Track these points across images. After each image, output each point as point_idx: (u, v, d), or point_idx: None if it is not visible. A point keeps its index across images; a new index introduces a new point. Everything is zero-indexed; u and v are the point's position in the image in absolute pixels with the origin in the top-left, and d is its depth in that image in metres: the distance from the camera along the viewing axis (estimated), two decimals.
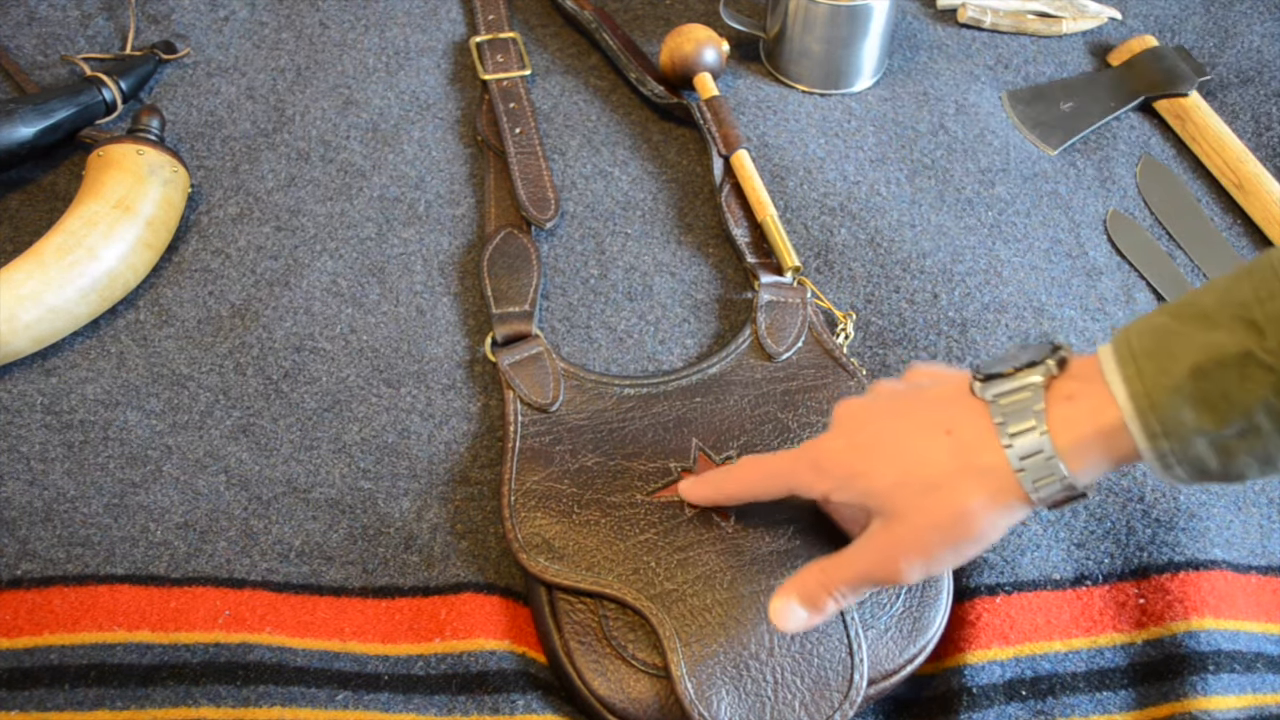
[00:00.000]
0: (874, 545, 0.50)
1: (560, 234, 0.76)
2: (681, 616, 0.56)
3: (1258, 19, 0.90)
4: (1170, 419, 0.43)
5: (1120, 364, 0.45)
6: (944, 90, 0.85)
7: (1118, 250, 0.76)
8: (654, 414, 0.64)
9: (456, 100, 0.84)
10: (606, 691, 0.55)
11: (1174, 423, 0.43)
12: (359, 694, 0.56)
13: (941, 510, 0.48)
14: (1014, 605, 0.59)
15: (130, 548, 0.61)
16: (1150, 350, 0.44)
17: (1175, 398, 0.43)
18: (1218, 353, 0.43)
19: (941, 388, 0.51)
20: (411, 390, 0.68)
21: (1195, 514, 0.62)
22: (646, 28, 0.90)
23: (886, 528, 0.49)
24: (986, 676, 0.56)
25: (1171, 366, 0.43)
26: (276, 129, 0.81)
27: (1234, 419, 0.43)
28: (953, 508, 0.47)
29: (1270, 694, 0.57)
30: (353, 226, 0.75)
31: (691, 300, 0.73)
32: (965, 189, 0.78)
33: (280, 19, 0.88)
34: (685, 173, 0.80)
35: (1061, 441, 0.45)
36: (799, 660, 0.55)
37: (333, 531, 0.62)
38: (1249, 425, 0.43)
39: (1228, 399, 0.42)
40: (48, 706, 0.55)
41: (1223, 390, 0.42)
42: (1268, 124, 0.83)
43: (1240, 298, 0.43)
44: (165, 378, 0.68)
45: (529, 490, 0.61)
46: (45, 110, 0.75)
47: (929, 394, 0.51)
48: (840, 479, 0.51)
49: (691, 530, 0.59)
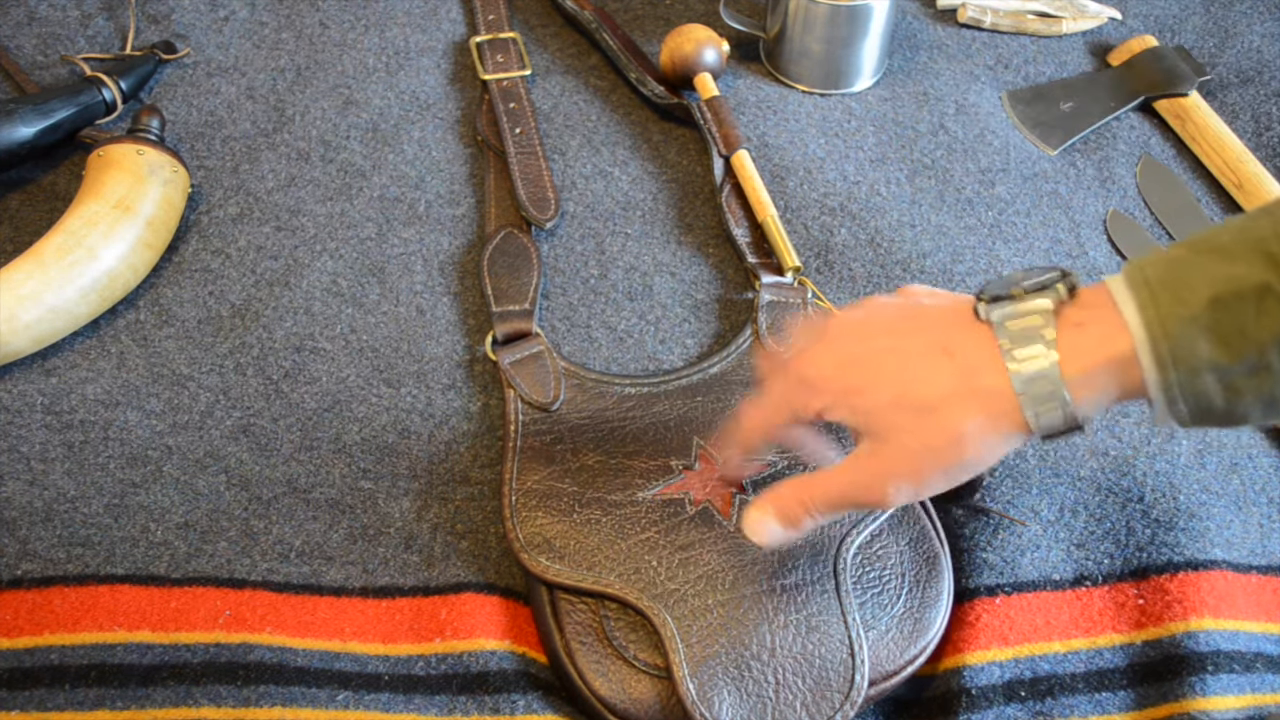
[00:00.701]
0: (862, 465, 0.48)
1: (560, 234, 0.76)
2: (683, 617, 0.56)
3: (1258, 19, 0.90)
4: (1183, 349, 0.42)
5: (1134, 291, 0.44)
6: (944, 90, 0.85)
7: (1118, 250, 0.76)
8: (655, 413, 0.64)
9: (456, 100, 0.84)
10: (607, 692, 0.55)
11: (1186, 353, 0.42)
12: (359, 694, 0.56)
13: (937, 432, 0.46)
14: (1013, 606, 0.59)
15: (131, 548, 0.61)
16: (1166, 280, 0.43)
17: (1191, 328, 0.42)
18: (1236, 285, 0.42)
19: (941, 306, 0.49)
20: (412, 390, 0.68)
21: (1195, 514, 0.62)
22: (646, 28, 0.90)
23: (877, 448, 0.48)
24: (986, 677, 0.56)
25: (1188, 296, 0.42)
26: (276, 129, 0.81)
27: (1247, 353, 0.42)
28: (949, 430, 0.46)
29: (1270, 694, 0.57)
30: (353, 226, 0.75)
31: (692, 300, 0.73)
32: (965, 189, 0.78)
33: (280, 19, 0.88)
34: (685, 173, 0.80)
35: (1070, 369, 0.44)
36: (800, 661, 0.55)
37: (333, 531, 0.62)
38: (1260, 362, 0.42)
39: (1243, 333, 0.42)
40: (48, 706, 0.55)
41: (1239, 323, 0.42)
42: (1268, 124, 0.83)
43: (1259, 233, 0.42)
44: (165, 378, 0.68)
45: (530, 489, 0.61)
46: (45, 110, 0.75)
47: (929, 312, 0.49)
48: (834, 394, 0.49)
49: (693, 529, 0.59)
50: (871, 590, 0.58)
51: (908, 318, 0.50)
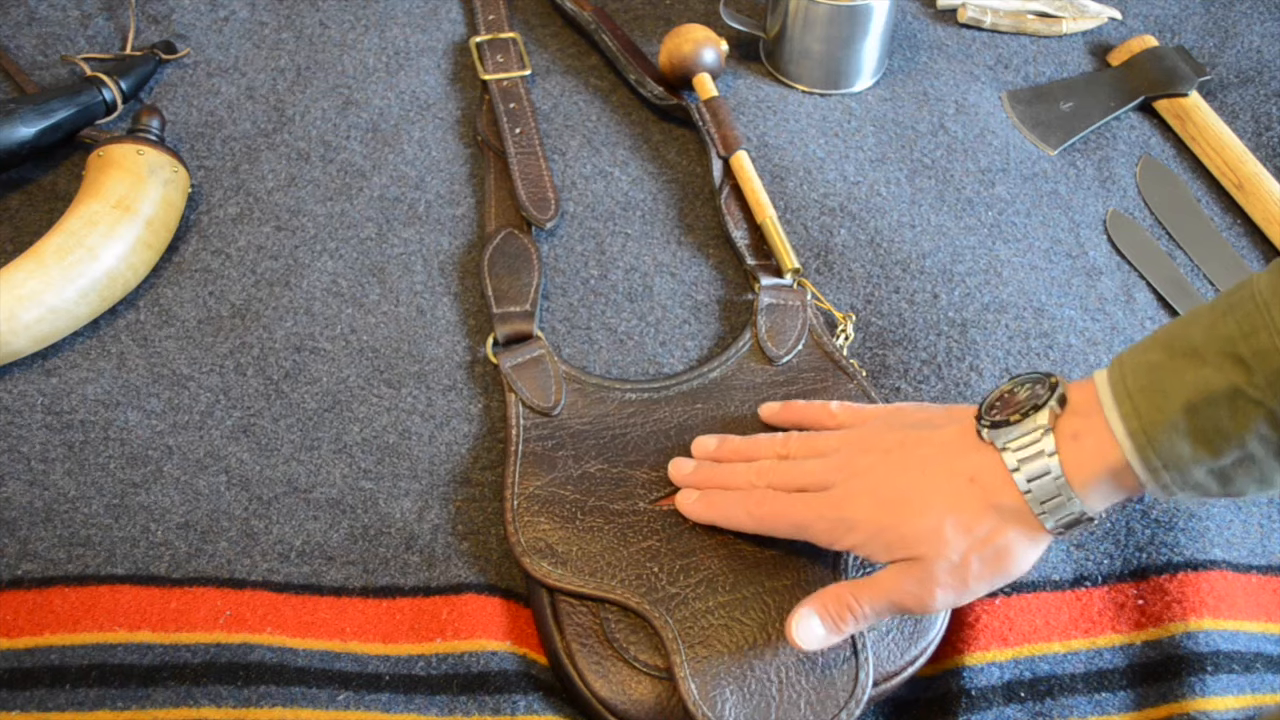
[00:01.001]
0: (909, 575, 0.52)
1: (560, 234, 0.76)
2: (685, 619, 0.56)
3: (1258, 19, 0.90)
4: (1168, 453, 0.46)
5: (1117, 402, 0.48)
6: (944, 90, 0.85)
7: (1118, 250, 0.76)
8: (655, 420, 0.64)
9: (456, 100, 0.84)
10: (608, 693, 0.55)
11: (1172, 456, 0.46)
12: (360, 694, 0.56)
13: (983, 548, 0.50)
14: (1013, 607, 0.59)
15: (131, 548, 0.61)
16: (1144, 387, 0.47)
17: (1172, 434, 0.46)
18: (1207, 389, 0.45)
19: (945, 433, 0.53)
20: (412, 390, 0.68)
21: (1194, 514, 0.62)
22: (646, 28, 0.90)
23: (923, 562, 0.51)
24: (985, 678, 0.56)
25: (1165, 404, 0.46)
26: (276, 129, 0.81)
27: (1228, 450, 0.45)
28: (993, 545, 0.50)
29: (1270, 694, 0.57)
30: (353, 226, 0.75)
31: (692, 301, 0.73)
32: (965, 189, 0.78)
33: (280, 19, 0.88)
34: (685, 173, 0.80)
35: (1075, 481, 0.48)
36: (803, 660, 0.55)
37: (334, 532, 0.62)
38: (1244, 454, 0.45)
39: (1221, 432, 0.45)
40: (48, 707, 0.55)
41: (1215, 424, 0.45)
42: (1268, 124, 0.83)
43: (1226, 332, 0.45)
44: (165, 378, 0.68)
45: (532, 495, 0.61)
46: (45, 110, 0.75)
47: (937, 442, 0.53)
48: (867, 534, 0.53)
49: (694, 537, 0.59)
50: None
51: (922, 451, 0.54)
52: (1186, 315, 0.49)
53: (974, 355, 0.68)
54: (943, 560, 0.51)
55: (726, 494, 0.58)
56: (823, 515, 0.54)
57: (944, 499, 0.51)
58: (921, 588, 0.51)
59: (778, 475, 0.57)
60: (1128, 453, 0.47)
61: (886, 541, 0.52)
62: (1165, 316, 0.72)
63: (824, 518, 0.54)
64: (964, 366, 0.68)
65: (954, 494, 0.51)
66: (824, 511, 0.54)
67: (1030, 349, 0.69)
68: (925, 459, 0.53)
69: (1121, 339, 0.70)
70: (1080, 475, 0.48)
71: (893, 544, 0.52)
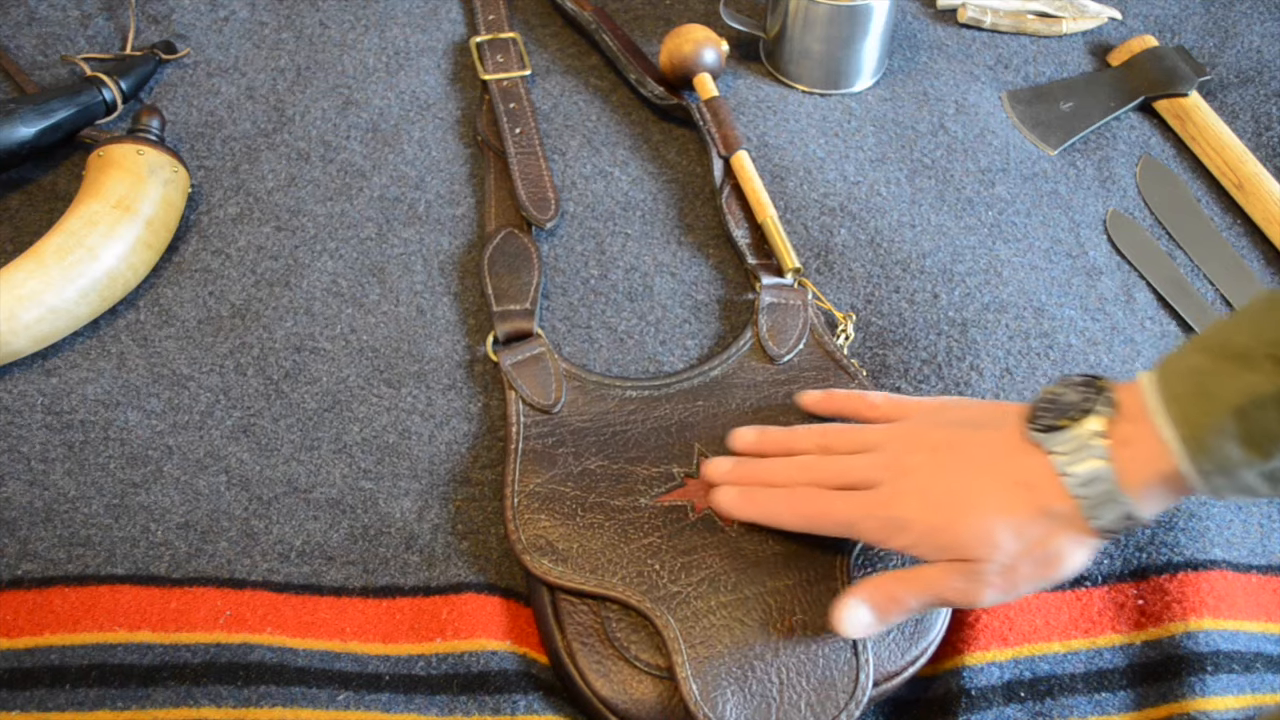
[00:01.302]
0: (959, 573, 0.52)
1: (560, 234, 0.76)
2: (686, 619, 0.56)
3: (1258, 19, 0.90)
4: (1218, 457, 0.46)
5: (1166, 406, 0.48)
6: (944, 90, 0.85)
7: (1118, 250, 0.76)
8: (656, 417, 0.64)
9: (456, 100, 0.84)
10: (609, 692, 0.55)
11: (1223, 460, 0.46)
12: (360, 694, 0.56)
13: (1033, 552, 0.51)
14: (1013, 606, 0.59)
15: (131, 548, 0.61)
16: (1191, 392, 0.47)
17: (1221, 438, 0.46)
18: (1255, 393, 0.45)
19: (994, 435, 0.53)
20: (412, 390, 0.68)
21: (1195, 514, 0.62)
22: (646, 28, 0.90)
23: (974, 563, 0.51)
24: (985, 678, 0.56)
25: (1212, 408, 0.46)
26: (276, 129, 0.81)
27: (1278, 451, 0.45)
28: (1044, 549, 0.51)
29: (1270, 694, 0.57)
30: (353, 226, 0.75)
31: (692, 301, 0.73)
32: (965, 189, 0.78)
33: (280, 19, 0.88)
34: (685, 173, 0.80)
35: (1128, 486, 0.49)
36: (804, 661, 0.55)
37: (333, 531, 0.62)
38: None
39: (1270, 435, 0.45)
40: (49, 707, 0.55)
41: (1264, 428, 0.45)
42: (1268, 124, 0.83)
43: (1272, 335, 0.46)
44: (165, 378, 0.68)
45: (532, 492, 0.61)
46: (45, 110, 0.75)
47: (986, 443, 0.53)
48: (918, 535, 0.53)
49: (695, 534, 0.59)
50: None
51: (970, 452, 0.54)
52: (1229, 318, 0.49)
53: (974, 355, 0.68)
54: (994, 563, 0.51)
55: (770, 491, 0.58)
56: (872, 514, 0.54)
57: (995, 502, 0.51)
58: (970, 586, 0.51)
59: (822, 472, 0.57)
60: (1179, 458, 0.47)
61: (939, 543, 0.52)
62: (1165, 316, 0.73)
63: (874, 516, 0.54)
64: (964, 366, 0.68)
65: (1005, 498, 0.51)
66: (874, 510, 0.54)
67: (1030, 349, 0.69)
68: (975, 460, 0.53)
69: (1121, 339, 0.71)
70: (1133, 480, 0.48)
71: (945, 545, 0.52)
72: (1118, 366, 0.69)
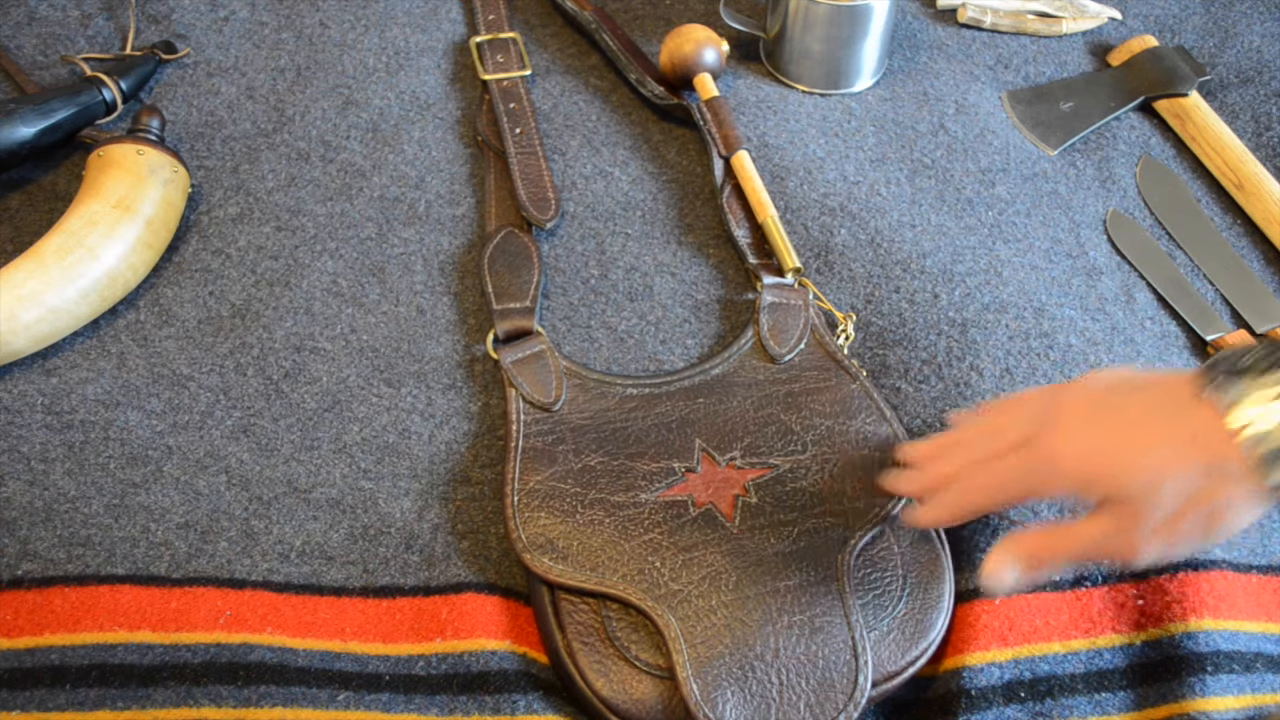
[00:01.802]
0: (1114, 522, 0.50)
1: (560, 234, 0.76)
2: (687, 618, 0.56)
3: (1258, 19, 0.90)
4: None
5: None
6: (944, 90, 0.85)
7: (1118, 250, 0.76)
8: (657, 414, 0.64)
9: (456, 100, 0.84)
10: (609, 692, 0.55)
11: None
12: (360, 694, 0.56)
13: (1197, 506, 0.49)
14: (1013, 607, 0.59)
15: (131, 548, 0.61)
16: None
17: None
18: None
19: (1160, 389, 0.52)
20: (412, 390, 0.68)
21: None
22: (646, 28, 0.90)
23: (1134, 516, 0.50)
24: (985, 678, 0.56)
25: None
26: (276, 129, 0.81)
27: None
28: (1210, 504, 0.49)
29: (1270, 694, 0.57)
30: (353, 226, 0.75)
31: (692, 301, 0.73)
32: (965, 189, 0.78)
33: (280, 19, 0.88)
34: (685, 173, 0.80)
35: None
36: (804, 661, 0.55)
37: (333, 531, 0.62)
38: None
39: None
40: (49, 707, 0.55)
41: None
42: (1268, 124, 0.83)
43: None
44: (165, 378, 0.68)
45: (532, 490, 0.61)
46: (45, 110, 0.75)
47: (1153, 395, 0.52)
48: (1083, 480, 0.51)
49: (696, 531, 0.59)
50: (874, 592, 0.58)
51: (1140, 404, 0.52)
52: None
53: (974, 355, 0.68)
54: (1155, 515, 0.49)
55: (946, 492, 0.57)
56: (1033, 467, 0.53)
57: (1162, 453, 0.50)
58: (1127, 540, 0.50)
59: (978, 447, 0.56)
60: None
61: (1102, 490, 0.51)
62: (1165, 316, 0.73)
63: (1034, 468, 0.53)
64: (964, 366, 0.68)
65: (1173, 449, 0.50)
66: (1032, 462, 0.53)
67: (1030, 349, 0.69)
68: (1141, 410, 0.52)
69: (1121, 339, 0.71)
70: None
71: (1109, 492, 0.51)
72: (1118, 366, 0.69)
